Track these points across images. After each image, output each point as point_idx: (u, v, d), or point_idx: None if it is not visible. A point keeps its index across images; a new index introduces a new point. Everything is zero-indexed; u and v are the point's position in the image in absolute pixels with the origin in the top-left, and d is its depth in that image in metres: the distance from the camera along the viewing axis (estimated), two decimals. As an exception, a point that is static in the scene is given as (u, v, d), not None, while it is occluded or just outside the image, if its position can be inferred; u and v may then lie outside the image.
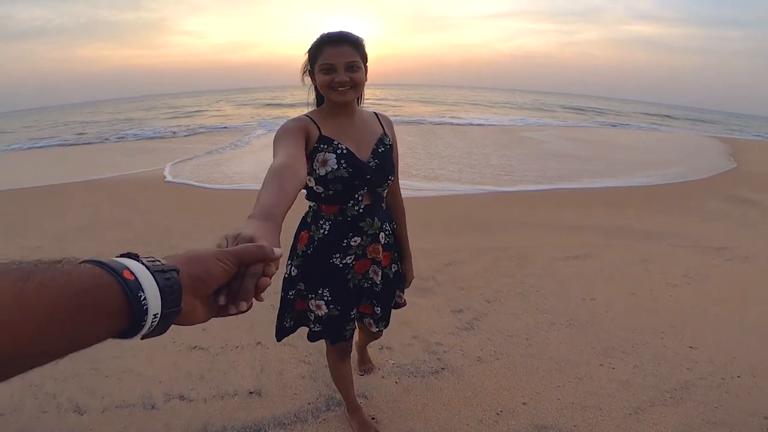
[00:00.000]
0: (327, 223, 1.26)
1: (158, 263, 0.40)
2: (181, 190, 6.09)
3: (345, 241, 1.26)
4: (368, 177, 1.22)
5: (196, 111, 24.53)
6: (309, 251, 1.29)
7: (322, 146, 1.17)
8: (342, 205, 1.24)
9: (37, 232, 4.34)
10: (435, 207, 5.10)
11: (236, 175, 6.94)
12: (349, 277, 1.30)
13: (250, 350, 2.29)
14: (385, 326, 1.48)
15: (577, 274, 3.21)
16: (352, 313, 1.36)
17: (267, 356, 2.23)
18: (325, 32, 1.15)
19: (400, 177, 1.46)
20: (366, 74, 1.21)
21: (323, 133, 1.18)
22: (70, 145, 13.71)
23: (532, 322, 2.56)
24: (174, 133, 14.63)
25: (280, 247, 0.53)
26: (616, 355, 2.22)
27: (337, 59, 1.12)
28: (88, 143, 13.73)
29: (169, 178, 6.82)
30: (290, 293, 1.34)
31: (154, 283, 0.38)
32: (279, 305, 1.38)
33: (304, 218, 1.35)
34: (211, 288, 0.45)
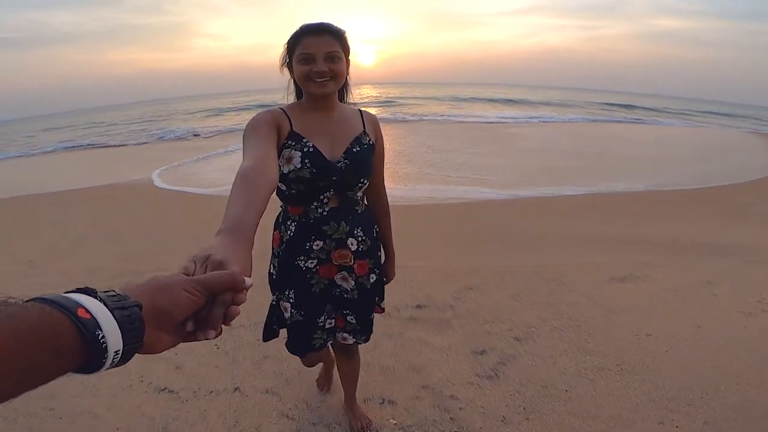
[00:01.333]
0: (293, 224, 1.22)
1: (118, 298, 0.39)
2: (174, 196, 5.82)
3: (308, 244, 1.21)
4: (334, 178, 1.15)
5: (220, 112, 24.84)
6: (281, 251, 1.26)
7: (289, 142, 1.12)
8: (305, 206, 1.19)
9: (33, 244, 4.17)
10: (452, 215, 4.60)
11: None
12: (313, 282, 1.25)
13: (226, 397, 1.93)
14: (365, 340, 1.39)
15: (627, 302, 2.66)
16: (319, 321, 1.29)
17: (244, 406, 1.87)
18: (311, 22, 1.11)
19: (400, 179, 1.35)
20: (348, 68, 1.16)
21: (294, 129, 1.13)
22: (102, 146, 14.21)
23: (573, 367, 2.07)
24: (197, 135, 14.88)
25: (251, 267, 0.54)
26: (681, 409, 1.79)
27: (316, 48, 1.07)
28: (123, 144, 14.03)
29: (158, 183, 6.58)
30: (273, 297, 1.32)
31: (113, 320, 0.37)
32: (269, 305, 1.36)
33: (277, 217, 1.31)
34: (177, 320, 0.44)
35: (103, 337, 0.35)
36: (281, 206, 1.27)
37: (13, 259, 3.75)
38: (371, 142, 1.24)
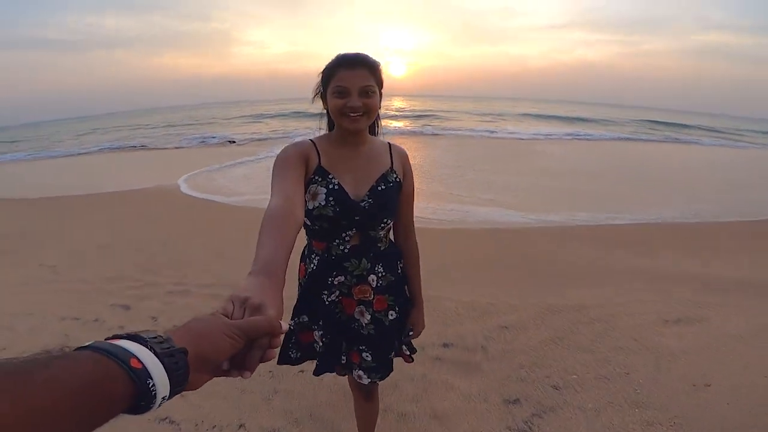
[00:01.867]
0: (316, 258, 1.21)
1: (165, 345, 0.40)
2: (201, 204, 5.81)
3: (329, 279, 1.20)
4: (357, 218, 1.13)
5: (256, 119, 25.43)
6: (304, 282, 1.26)
7: (316, 177, 1.11)
8: (328, 242, 1.18)
9: (58, 247, 4.23)
10: (484, 240, 4.26)
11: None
12: (337, 311, 1.24)
13: (229, 433, 1.77)
14: (380, 378, 1.29)
15: (682, 348, 2.34)
16: (344, 357, 1.27)
17: (248, 446, 1.70)
18: (341, 53, 1.08)
19: (425, 197, 1.24)
20: (380, 101, 1.14)
21: (321, 164, 1.11)
22: (142, 148, 14.85)
23: (620, 421, 1.81)
24: (233, 141, 15.21)
25: (283, 309, 0.56)
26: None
27: (351, 82, 1.05)
28: (163, 148, 14.53)
29: (184, 189, 6.63)
30: (291, 323, 1.27)
31: (162, 369, 0.38)
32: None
33: (303, 249, 1.29)
34: (217, 363, 0.46)
35: (153, 384, 0.37)
36: (307, 238, 1.25)
37: (40, 261, 3.80)
38: (398, 180, 1.20)
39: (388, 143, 1.24)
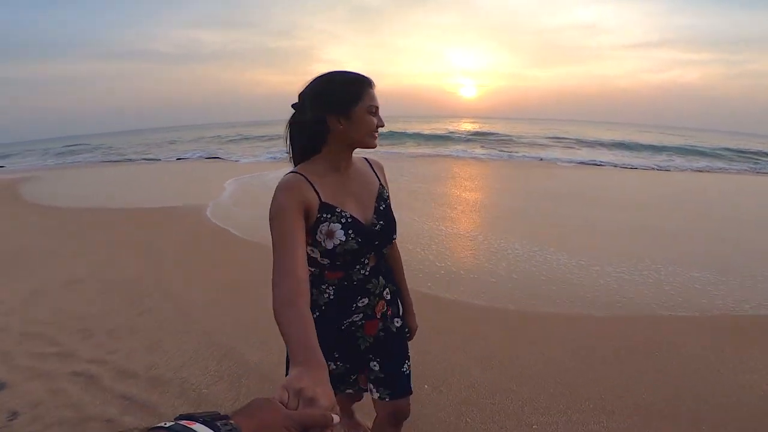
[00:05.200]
0: (331, 288, 1.13)
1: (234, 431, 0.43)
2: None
3: (354, 304, 1.16)
4: (376, 243, 1.12)
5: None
6: (315, 317, 1.00)
7: (324, 215, 1.03)
8: (347, 270, 1.12)
9: (69, 267, 3.89)
10: (592, 337, 2.75)
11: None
12: (358, 335, 1.20)
13: None
14: (391, 395, 1.21)
15: None
16: (353, 376, 1.26)
17: None
18: (355, 72, 1.05)
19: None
20: None
21: (323, 199, 1.03)
22: (212, 158, 15.53)
23: None
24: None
25: (334, 400, 0.58)
26: None
27: (377, 101, 1.06)
28: (234, 160, 15.02)
29: (209, 214, 6.14)
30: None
31: None
32: (286, 357, 1.14)
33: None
34: None
35: None
36: (311, 271, 1.11)
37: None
38: (388, 194, 1.20)
39: (364, 158, 1.21)
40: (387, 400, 1.21)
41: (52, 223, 5.96)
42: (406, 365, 1.25)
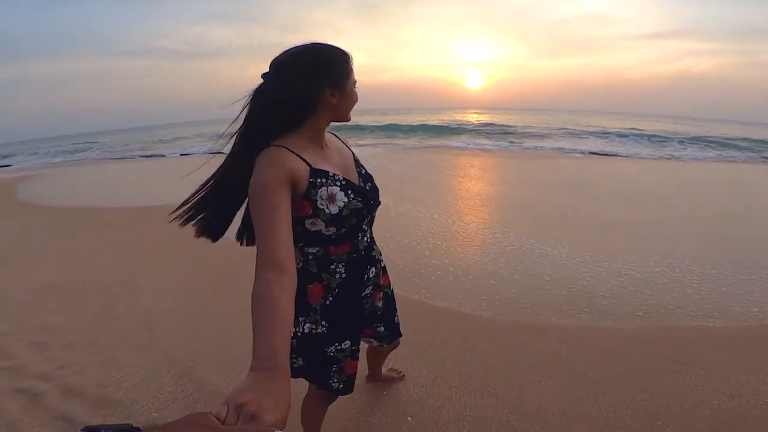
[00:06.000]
0: (341, 266, 1.11)
1: None
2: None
3: (365, 275, 1.18)
4: (371, 202, 1.12)
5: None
6: (329, 302, 1.12)
7: (319, 180, 0.99)
8: (352, 240, 1.10)
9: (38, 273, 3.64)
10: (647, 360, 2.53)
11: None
12: (367, 305, 1.26)
13: None
14: (388, 342, 1.43)
15: None
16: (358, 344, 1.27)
17: None
18: (338, 47, 1.01)
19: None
20: None
21: (314, 166, 0.99)
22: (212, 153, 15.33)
23: None
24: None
25: (289, 403, 0.53)
26: None
27: None
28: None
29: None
30: (330, 350, 1.16)
31: None
32: (315, 363, 1.16)
33: (305, 269, 1.10)
34: None
35: None
36: (311, 254, 1.08)
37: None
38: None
39: (330, 132, 1.17)
40: (384, 346, 1.47)
41: (41, 223, 5.82)
42: (396, 317, 1.44)
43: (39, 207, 7.01)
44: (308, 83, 0.96)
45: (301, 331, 1.14)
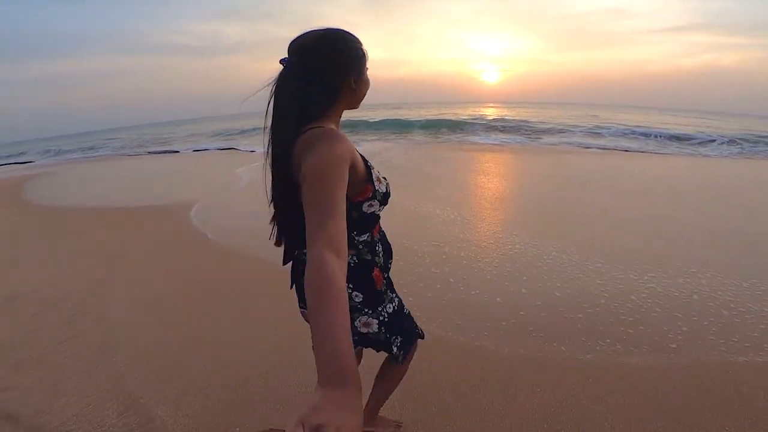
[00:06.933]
0: (379, 246, 1.14)
1: None
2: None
3: (390, 260, 1.22)
4: None
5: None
6: (385, 278, 1.17)
7: (369, 162, 1.02)
8: (379, 222, 1.14)
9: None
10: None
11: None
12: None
13: None
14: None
15: None
16: None
17: None
18: (348, 33, 0.98)
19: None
20: None
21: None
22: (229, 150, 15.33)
23: None
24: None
25: (362, 421, 0.49)
26: None
27: None
28: (251, 150, 14.74)
29: (194, 214, 5.67)
30: (406, 310, 1.26)
31: None
32: (407, 328, 1.24)
33: (362, 259, 1.09)
34: None
35: None
36: (362, 242, 1.08)
37: None
38: None
39: None
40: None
41: (30, 224, 5.64)
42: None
43: (38, 207, 6.87)
44: (337, 67, 0.95)
45: (385, 316, 1.16)
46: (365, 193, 0.99)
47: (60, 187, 9.25)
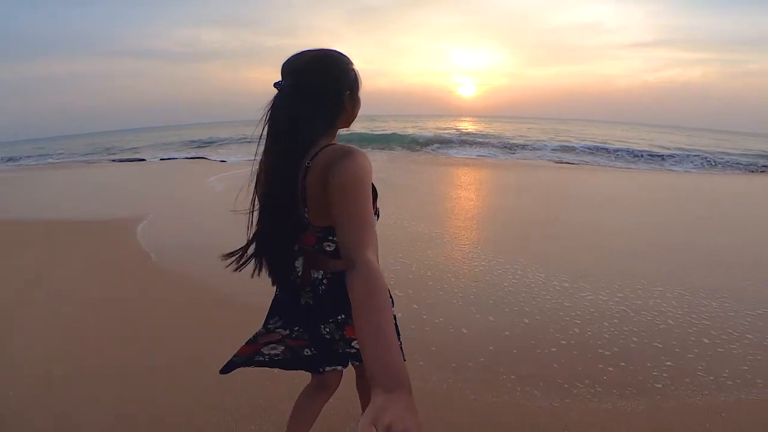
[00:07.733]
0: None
1: None
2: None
3: None
4: None
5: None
6: None
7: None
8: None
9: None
10: None
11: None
12: None
13: None
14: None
15: None
16: None
17: None
18: (339, 52, 0.99)
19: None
20: None
21: None
22: (195, 159, 14.65)
23: None
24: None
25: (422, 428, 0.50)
26: None
27: None
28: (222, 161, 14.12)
29: (140, 231, 5.20)
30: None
31: None
32: None
33: None
34: None
35: None
36: None
37: None
38: None
39: None
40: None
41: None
42: None
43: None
44: (334, 87, 0.95)
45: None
46: (373, 212, 1.00)
47: (8, 197, 8.50)
